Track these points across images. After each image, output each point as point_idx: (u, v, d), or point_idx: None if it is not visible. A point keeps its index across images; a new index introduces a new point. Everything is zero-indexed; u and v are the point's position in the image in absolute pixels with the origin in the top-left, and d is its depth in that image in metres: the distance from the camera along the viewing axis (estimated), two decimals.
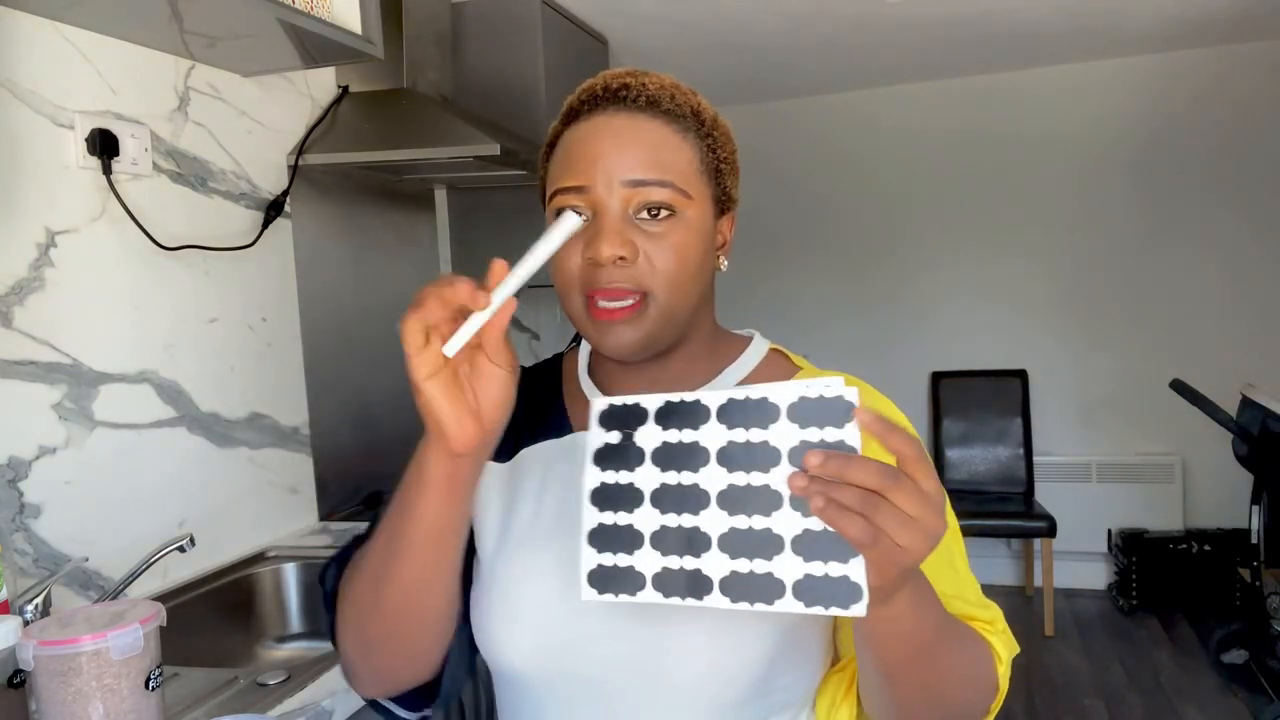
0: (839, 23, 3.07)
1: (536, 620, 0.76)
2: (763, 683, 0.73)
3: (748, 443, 0.58)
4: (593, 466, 0.62)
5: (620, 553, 0.61)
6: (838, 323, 4.27)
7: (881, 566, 0.55)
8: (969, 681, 0.71)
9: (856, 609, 0.55)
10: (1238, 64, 3.71)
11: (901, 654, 0.63)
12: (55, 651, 0.92)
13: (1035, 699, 3.09)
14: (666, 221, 0.72)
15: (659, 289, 0.72)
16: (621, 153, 0.72)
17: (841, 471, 0.54)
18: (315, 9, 1.54)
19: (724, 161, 0.78)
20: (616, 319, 0.72)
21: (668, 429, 0.60)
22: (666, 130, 0.74)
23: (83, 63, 1.50)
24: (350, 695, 1.23)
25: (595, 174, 0.72)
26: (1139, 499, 3.89)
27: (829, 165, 4.25)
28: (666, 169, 0.73)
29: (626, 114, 0.74)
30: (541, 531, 0.78)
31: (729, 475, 0.58)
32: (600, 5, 2.72)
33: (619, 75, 0.76)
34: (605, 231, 0.71)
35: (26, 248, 1.41)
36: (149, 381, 1.62)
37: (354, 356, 2.22)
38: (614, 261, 0.71)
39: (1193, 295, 3.85)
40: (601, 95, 0.75)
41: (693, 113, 0.77)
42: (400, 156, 1.98)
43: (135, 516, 1.58)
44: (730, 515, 0.58)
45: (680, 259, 0.73)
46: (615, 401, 0.61)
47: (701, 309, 0.79)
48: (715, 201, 0.77)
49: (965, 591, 0.75)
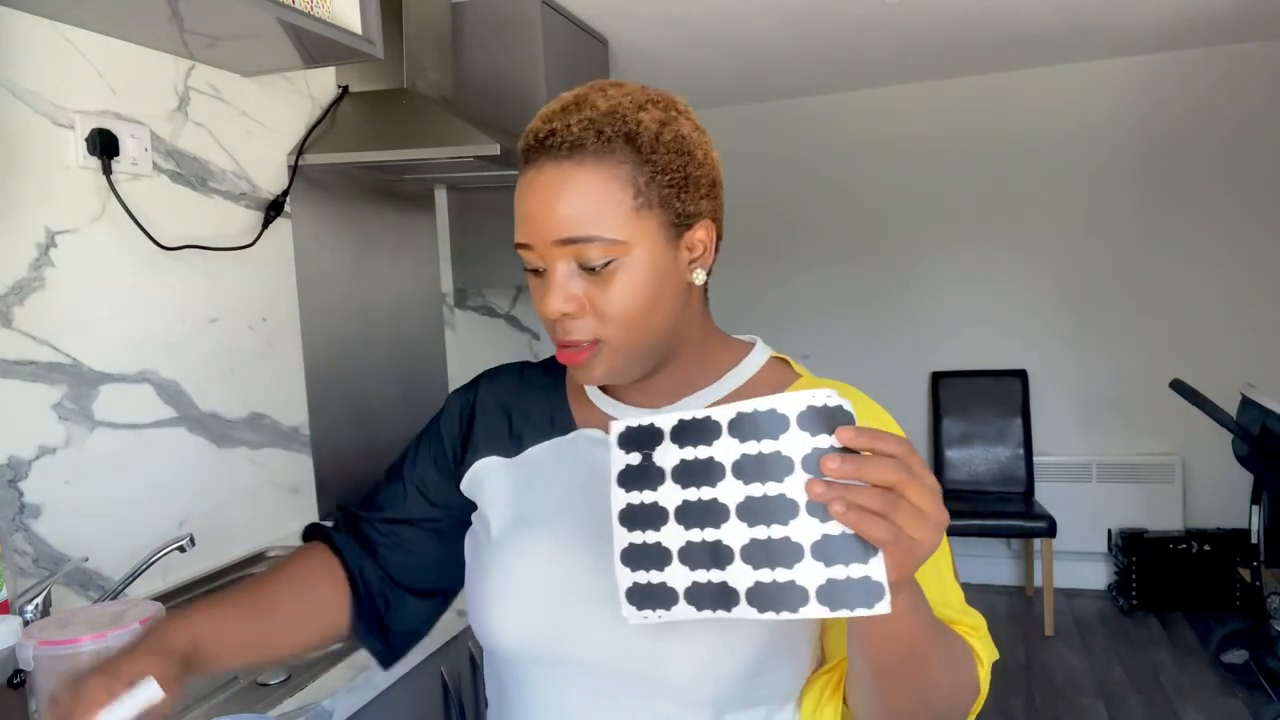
0: (839, 22, 3.07)
1: (533, 601, 0.78)
2: (750, 678, 0.75)
3: (760, 454, 0.58)
4: (618, 489, 0.63)
5: (652, 570, 0.63)
6: (838, 322, 4.27)
7: (900, 562, 0.56)
8: (954, 683, 0.72)
9: (881, 607, 0.55)
10: (1239, 64, 3.71)
11: (895, 654, 0.65)
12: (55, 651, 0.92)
13: (1035, 699, 3.09)
14: (608, 269, 0.73)
15: (612, 333, 0.75)
16: (548, 211, 0.73)
17: (859, 472, 0.55)
18: (315, 9, 1.54)
19: (673, 181, 0.74)
20: (577, 362, 0.76)
21: (684, 447, 0.61)
22: (593, 175, 0.72)
23: (83, 63, 1.50)
24: (350, 695, 1.23)
25: (533, 234, 0.74)
26: (1139, 499, 3.89)
27: (829, 165, 4.25)
28: (592, 223, 0.72)
29: (553, 165, 0.73)
30: (544, 519, 0.81)
31: (745, 487, 0.59)
32: (600, 5, 2.72)
33: (549, 120, 0.75)
34: (549, 291, 0.74)
35: (26, 248, 1.41)
36: (149, 381, 1.62)
37: (354, 356, 2.22)
38: (562, 316, 0.74)
39: (1193, 295, 3.85)
40: (534, 144, 0.75)
41: (626, 139, 0.73)
42: (400, 156, 1.98)
43: (135, 516, 1.58)
44: (750, 527, 0.59)
45: (629, 301, 0.74)
46: (631, 423, 0.63)
47: (681, 328, 0.79)
48: (668, 226, 0.75)
49: (950, 598, 0.77)
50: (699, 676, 0.74)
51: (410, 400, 2.44)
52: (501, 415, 0.90)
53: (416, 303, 2.52)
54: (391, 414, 2.34)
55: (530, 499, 0.83)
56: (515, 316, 3.16)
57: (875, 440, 0.56)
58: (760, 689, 0.76)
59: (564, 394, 0.89)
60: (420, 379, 2.52)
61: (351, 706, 1.24)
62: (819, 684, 0.79)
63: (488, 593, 0.81)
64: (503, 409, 0.90)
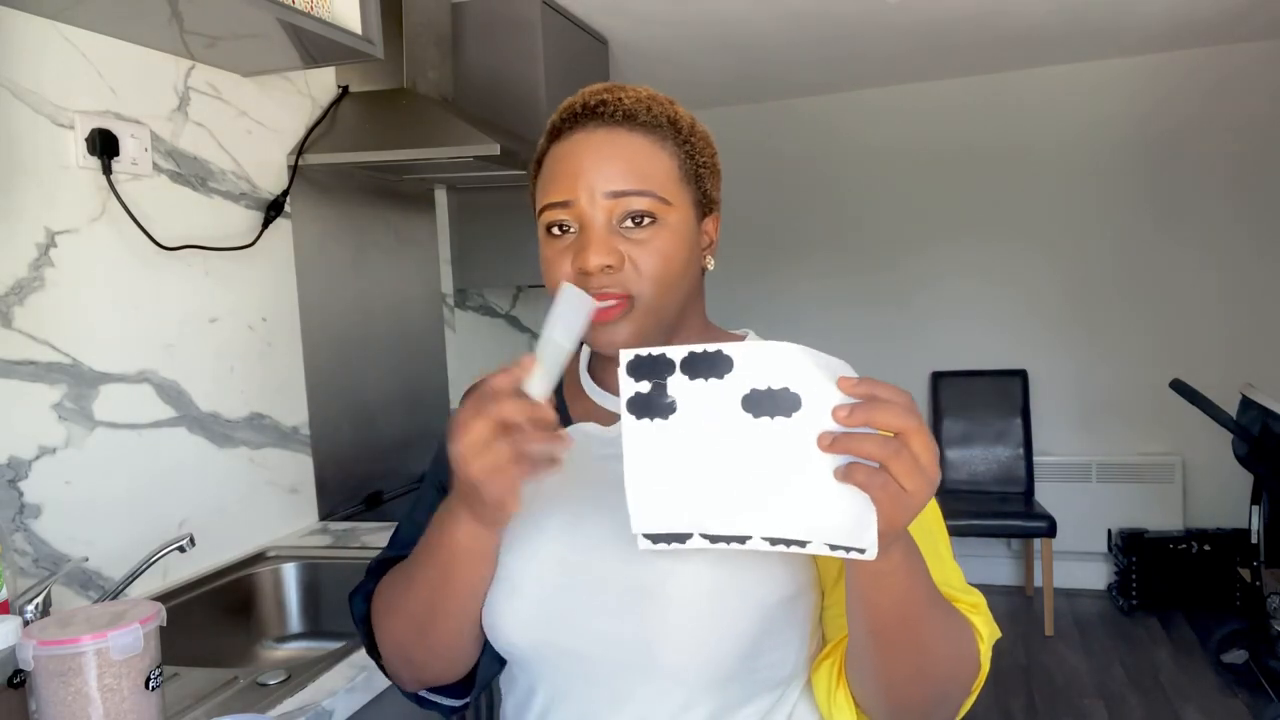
0: (839, 23, 3.08)
1: (532, 594, 0.80)
2: (749, 659, 0.76)
3: (770, 389, 0.60)
4: (628, 415, 0.63)
5: (663, 502, 0.63)
6: (838, 322, 4.27)
7: (891, 514, 0.59)
8: (953, 656, 0.73)
9: (869, 553, 0.60)
10: (1240, 64, 3.71)
11: (892, 614, 0.67)
12: (55, 651, 0.92)
13: (1035, 699, 3.09)
14: (649, 228, 0.77)
15: (645, 292, 0.77)
16: (602, 166, 0.76)
17: (870, 417, 0.57)
18: (315, 9, 1.54)
19: (704, 166, 0.82)
20: (607, 320, 0.76)
21: (694, 379, 0.62)
22: (644, 141, 0.78)
23: (83, 63, 1.50)
24: (350, 695, 1.23)
25: (579, 188, 0.76)
26: (1139, 499, 3.89)
27: (829, 165, 4.25)
28: (646, 178, 0.77)
29: (605, 129, 0.78)
30: (540, 511, 0.82)
31: (755, 421, 0.60)
32: (600, 5, 2.72)
33: (596, 92, 0.80)
34: (592, 243, 0.76)
35: (26, 248, 1.41)
36: (149, 381, 1.63)
37: (354, 356, 2.22)
38: (601, 270, 0.75)
39: (1193, 295, 3.85)
40: (581, 112, 0.79)
41: (669, 121, 0.80)
42: (400, 156, 1.98)
43: (135, 516, 1.58)
44: (759, 462, 0.60)
45: (665, 262, 0.77)
46: (641, 352, 0.63)
47: (690, 308, 0.83)
48: (697, 205, 0.81)
49: (950, 578, 0.78)
50: (695, 659, 0.75)
51: (410, 400, 2.44)
52: None
53: (416, 303, 2.52)
54: (391, 414, 2.34)
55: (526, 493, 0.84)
56: (515, 316, 3.16)
57: (875, 387, 0.59)
58: (761, 670, 0.77)
59: (561, 392, 0.90)
60: (420, 379, 2.52)
61: (351, 706, 1.24)
62: (825, 669, 0.80)
63: (492, 593, 0.82)
64: None
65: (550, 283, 0.79)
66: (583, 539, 0.79)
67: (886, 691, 0.73)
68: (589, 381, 0.89)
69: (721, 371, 0.61)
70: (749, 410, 0.60)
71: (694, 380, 0.61)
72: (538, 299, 3.30)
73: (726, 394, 0.60)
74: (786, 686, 0.81)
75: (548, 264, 0.79)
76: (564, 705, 0.81)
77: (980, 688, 0.77)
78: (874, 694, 0.75)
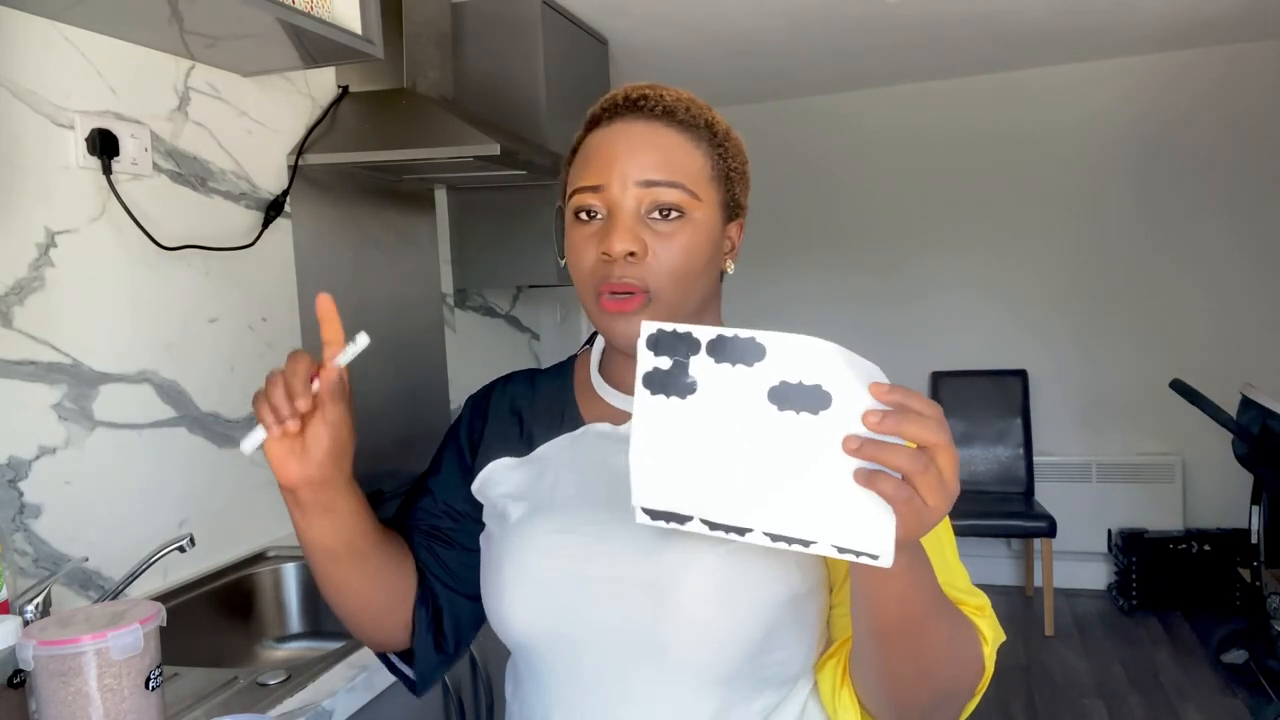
0: (839, 23, 3.07)
1: (540, 585, 0.80)
2: (757, 656, 0.76)
3: (801, 384, 0.58)
4: (643, 389, 0.62)
5: (667, 481, 0.62)
6: (838, 322, 4.27)
7: (908, 524, 0.58)
8: (957, 658, 0.73)
9: (883, 561, 0.58)
10: (1239, 64, 3.71)
11: (896, 616, 0.66)
12: (55, 651, 0.92)
13: (1035, 699, 3.09)
14: (676, 222, 0.78)
15: (664, 286, 0.77)
16: (636, 155, 0.78)
17: (900, 428, 0.57)
18: (315, 9, 1.54)
19: (734, 170, 0.83)
20: (624, 311, 0.77)
21: (720, 362, 0.60)
22: (680, 138, 0.80)
23: (83, 63, 1.50)
24: (350, 695, 1.23)
25: (611, 175, 0.78)
26: (1139, 499, 3.89)
27: (829, 165, 4.25)
28: (678, 171, 0.78)
29: (644, 121, 0.80)
30: (554, 506, 0.83)
31: (779, 414, 0.59)
32: (600, 5, 2.72)
33: (639, 88, 0.82)
34: (618, 228, 0.77)
35: (26, 248, 1.41)
36: (149, 381, 1.63)
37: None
38: (625, 256, 0.76)
39: (1193, 295, 3.85)
40: (621, 104, 0.81)
41: (706, 124, 0.82)
42: (400, 156, 1.98)
43: (135, 516, 1.58)
44: (775, 454, 0.59)
45: (687, 258, 0.78)
46: (665, 327, 0.61)
47: (707, 308, 0.84)
48: (724, 207, 0.82)
49: (956, 580, 0.78)
50: (703, 654, 0.75)
51: (410, 400, 2.44)
52: (513, 417, 0.92)
53: (416, 303, 2.52)
54: (391, 414, 2.34)
55: (541, 490, 0.86)
56: (515, 316, 3.16)
57: (909, 398, 0.58)
58: (769, 668, 0.78)
59: (572, 392, 0.91)
60: (420, 379, 2.52)
61: (351, 706, 1.24)
62: (830, 668, 0.80)
63: (500, 581, 0.82)
64: (514, 411, 0.93)
65: (574, 272, 0.81)
66: (595, 535, 0.80)
67: (890, 692, 0.73)
68: (600, 381, 0.89)
69: (751, 359, 0.59)
70: (774, 402, 0.59)
71: (720, 364, 0.60)
72: (538, 299, 3.30)
73: (753, 382, 0.59)
74: (794, 684, 0.81)
75: (573, 247, 0.80)
76: (572, 699, 0.81)
77: (984, 689, 0.77)
78: (877, 694, 0.75)
